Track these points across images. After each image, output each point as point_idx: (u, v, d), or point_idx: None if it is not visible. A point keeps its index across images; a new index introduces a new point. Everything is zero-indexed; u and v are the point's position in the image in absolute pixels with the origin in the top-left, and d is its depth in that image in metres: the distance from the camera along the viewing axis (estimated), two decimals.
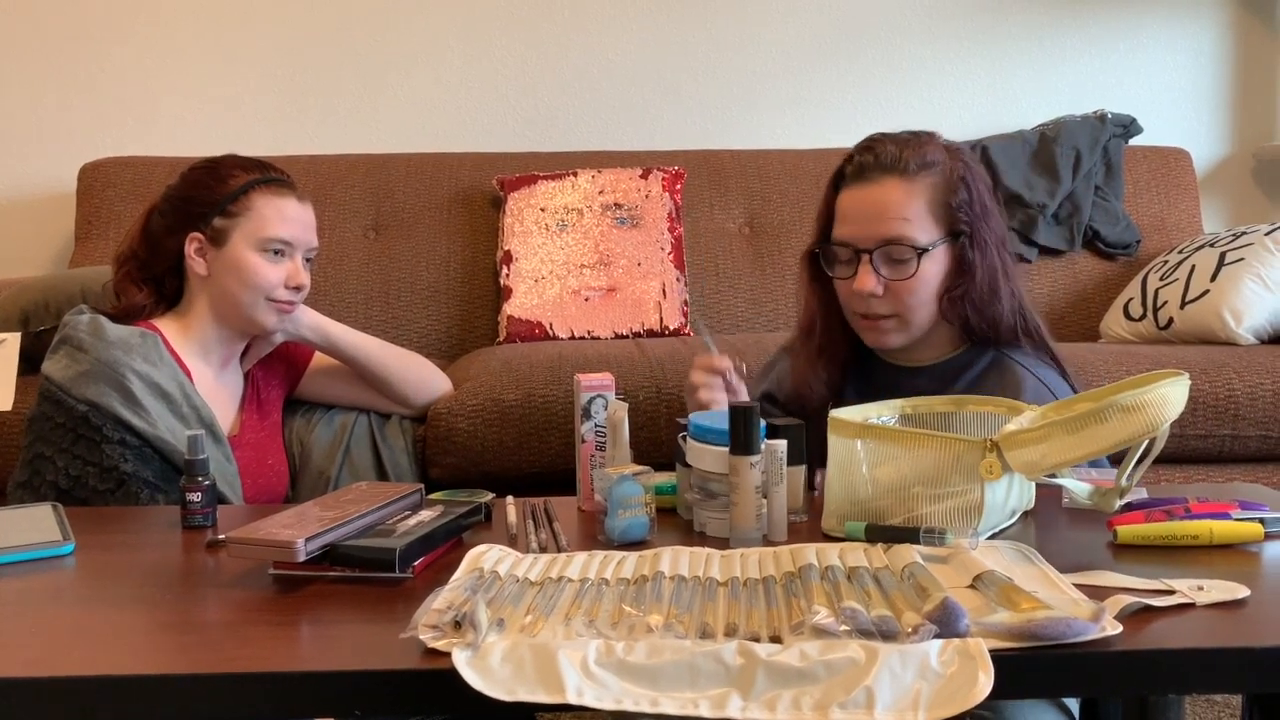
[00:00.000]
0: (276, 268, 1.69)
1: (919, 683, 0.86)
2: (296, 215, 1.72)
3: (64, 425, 1.56)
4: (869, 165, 1.48)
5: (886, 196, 1.45)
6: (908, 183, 1.45)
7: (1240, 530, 1.16)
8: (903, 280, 1.45)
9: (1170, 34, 2.99)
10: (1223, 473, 2.05)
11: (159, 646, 0.96)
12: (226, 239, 1.69)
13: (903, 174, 1.45)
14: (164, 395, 1.59)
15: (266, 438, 1.79)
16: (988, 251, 1.46)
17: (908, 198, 1.45)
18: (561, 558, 1.14)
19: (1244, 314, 2.27)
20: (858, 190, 1.48)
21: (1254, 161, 3.03)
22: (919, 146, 1.48)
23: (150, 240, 1.74)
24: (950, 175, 1.47)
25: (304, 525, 1.11)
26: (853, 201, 1.49)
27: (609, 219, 2.54)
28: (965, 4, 2.97)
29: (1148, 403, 1.11)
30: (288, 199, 1.72)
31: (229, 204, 1.69)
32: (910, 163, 1.46)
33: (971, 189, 1.47)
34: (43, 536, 1.23)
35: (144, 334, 1.63)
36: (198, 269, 1.70)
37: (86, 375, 1.57)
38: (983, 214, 1.47)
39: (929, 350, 1.54)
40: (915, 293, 1.46)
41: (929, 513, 1.17)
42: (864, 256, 1.46)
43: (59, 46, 2.83)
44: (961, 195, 1.46)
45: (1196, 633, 0.95)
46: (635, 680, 0.88)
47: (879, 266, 1.45)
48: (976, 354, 1.52)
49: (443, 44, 2.90)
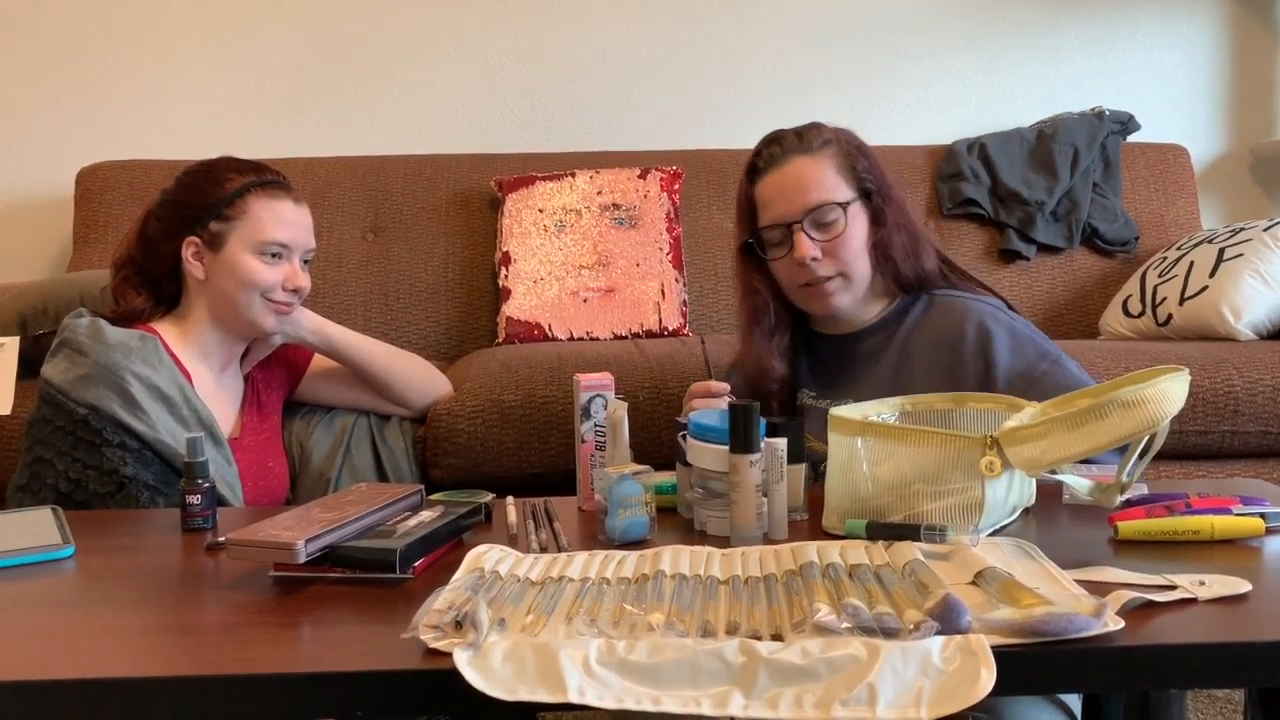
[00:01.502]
0: (274, 270, 1.69)
1: (921, 679, 0.86)
2: (293, 217, 1.72)
3: (64, 428, 1.56)
4: (776, 154, 1.62)
5: (800, 172, 1.60)
6: (813, 157, 1.60)
7: (1241, 525, 1.16)
8: (835, 238, 1.58)
9: (1168, 31, 3.00)
10: (1223, 468, 2.05)
11: (159, 649, 0.96)
12: (223, 243, 1.69)
13: (807, 151, 1.61)
14: (164, 398, 1.59)
15: (267, 440, 1.79)
16: (898, 208, 1.64)
17: (818, 169, 1.60)
18: (562, 557, 1.14)
19: (1243, 310, 2.27)
20: (772, 176, 1.61)
21: (1252, 158, 3.03)
22: (814, 130, 1.64)
23: (147, 245, 1.73)
24: (847, 146, 1.63)
25: (304, 527, 1.11)
26: (770, 187, 1.61)
27: (607, 219, 2.54)
28: (963, 3, 2.97)
29: (1148, 398, 1.11)
30: (284, 201, 1.71)
31: (225, 208, 1.68)
32: (811, 142, 1.62)
33: (869, 157, 1.64)
34: (42, 540, 1.23)
35: (144, 337, 1.63)
36: (195, 273, 1.70)
37: (86, 378, 1.56)
38: (882, 179, 1.63)
39: (865, 310, 1.65)
40: (849, 246, 1.59)
41: (930, 510, 1.17)
42: (795, 228, 1.58)
43: (57, 50, 2.83)
44: (861, 161, 1.62)
45: (1198, 628, 0.95)
46: (637, 679, 0.87)
47: (811, 233, 1.58)
48: (910, 301, 1.65)
49: (440, 46, 2.89)
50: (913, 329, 1.61)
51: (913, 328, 1.61)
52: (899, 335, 1.61)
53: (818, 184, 1.58)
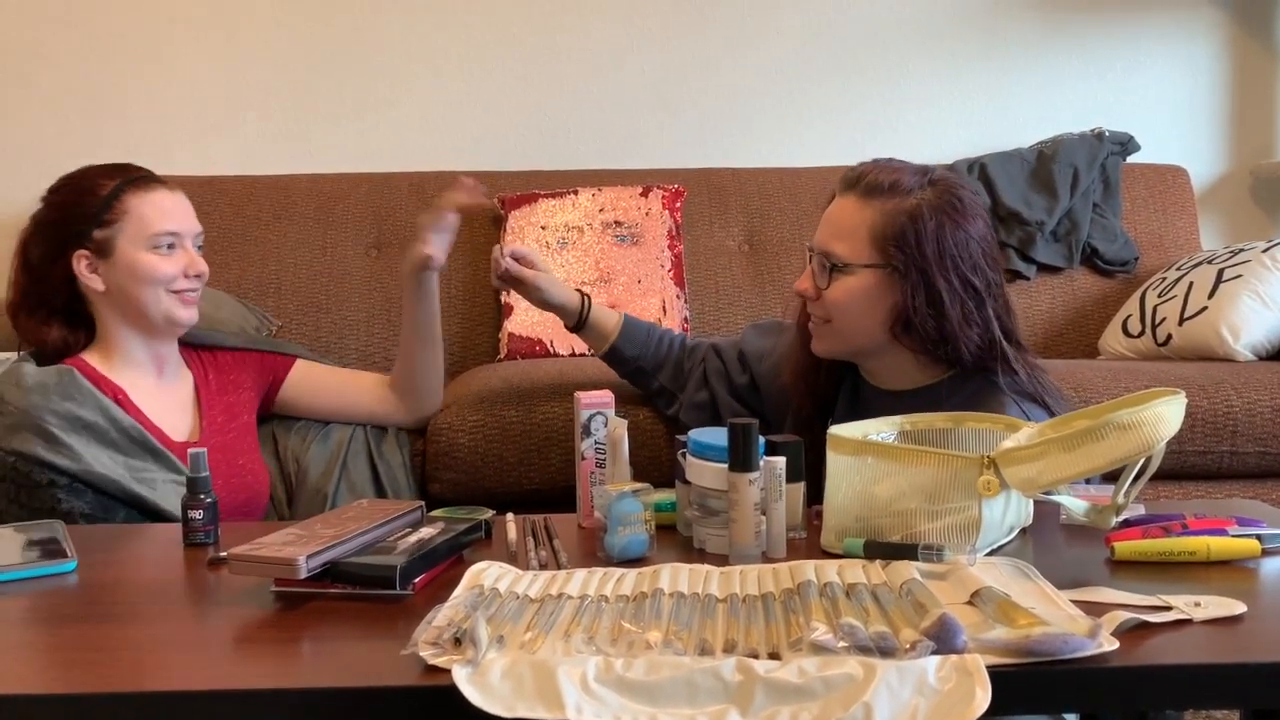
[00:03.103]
0: (171, 260, 1.69)
1: (916, 699, 0.87)
2: (173, 206, 1.71)
3: (4, 479, 1.58)
4: (845, 179, 1.56)
5: (839, 211, 1.54)
6: (859, 203, 1.51)
7: (1237, 546, 1.17)
8: (824, 289, 1.53)
9: (1168, 52, 3.01)
10: (1221, 489, 2.05)
11: (161, 664, 0.97)
12: (113, 248, 1.67)
13: (859, 194, 1.51)
14: (86, 427, 1.60)
15: (235, 439, 1.78)
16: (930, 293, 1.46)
17: (852, 217, 1.51)
18: (561, 575, 1.14)
19: (1242, 330, 2.27)
20: (834, 202, 1.57)
21: (1251, 179, 3.04)
22: (892, 172, 1.51)
23: (35, 275, 1.71)
24: (901, 209, 1.47)
25: (305, 543, 1.12)
26: (827, 210, 1.58)
27: (609, 237, 2.55)
28: (963, 23, 2.98)
29: (1144, 421, 1.11)
30: (159, 192, 1.71)
31: (105, 213, 1.67)
32: (867, 185, 1.50)
33: (922, 227, 1.46)
34: (45, 555, 1.23)
35: (61, 371, 1.64)
36: (94, 285, 1.68)
37: (10, 428, 1.59)
38: (934, 255, 1.46)
39: (906, 376, 1.56)
40: (837, 305, 1.52)
41: (927, 529, 1.17)
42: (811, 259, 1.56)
43: (61, 68, 2.85)
44: (904, 230, 1.47)
45: (1193, 648, 0.96)
46: (634, 697, 0.88)
47: (816, 273, 1.55)
48: (961, 381, 1.52)
49: (443, 64, 2.91)
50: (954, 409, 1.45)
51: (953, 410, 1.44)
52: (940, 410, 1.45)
53: (836, 231, 1.52)
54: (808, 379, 1.64)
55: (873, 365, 1.59)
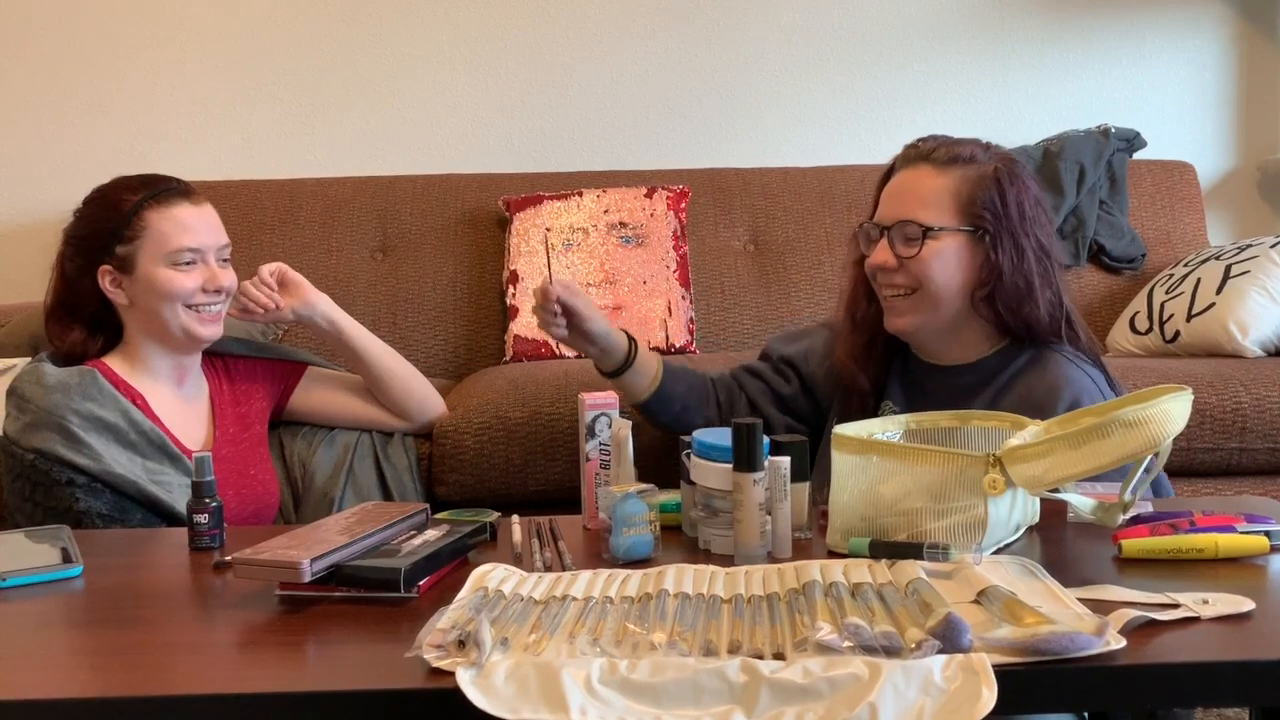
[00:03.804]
0: (190, 276, 1.68)
1: (922, 698, 0.86)
2: (194, 221, 1.70)
3: (22, 476, 1.60)
4: (910, 155, 1.57)
5: (915, 182, 1.54)
6: (937, 171, 1.53)
7: (1245, 544, 1.16)
8: (911, 257, 1.51)
9: (1174, 48, 3.00)
10: (1231, 485, 2.04)
11: (166, 667, 0.97)
12: (134, 264, 1.68)
13: (934, 163, 1.53)
14: (107, 428, 1.61)
15: (247, 449, 1.79)
16: (1018, 254, 1.51)
17: (933, 185, 1.52)
18: (566, 576, 1.14)
19: (1250, 326, 2.26)
20: (899, 176, 1.57)
21: (1259, 174, 3.03)
22: (959, 144, 1.55)
23: (68, 285, 1.74)
24: (983, 174, 1.52)
25: (309, 546, 1.12)
26: (892, 185, 1.57)
27: (614, 238, 2.55)
28: (968, 21, 2.98)
29: (1150, 418, 1.11)
30: (181, 206, 1.70)
31: (125, 229, 1.68)
32: (943, 154, 1.54)
33: (1004, 191, 1.52)
34: (51, 559, 1.24)
35: (83, 372, 1.65)
36: (119, 299, 1.70)
37: (31, 426, 1.60)
38: (1017, 217, 1.52)
39: (966, 349, 1.57)
40: (925, 270, 1.51)
41: (933, 528, 1.17)
42: (885, 233, 1.54)
43: (69, 72, 2.86)
44: (990, 194, 1.51)
45: (1201, 646, 0.95)
46: (639, 698, 0.88)
47: (894, 243, 1.53)
48: (1016, 352, 1.55)
49: (448, 66, 2.91)
50: (1010, 379, 1.53)
51: (1011, 378, 1.52)
52: (996, 382, 1.53)
53: (919, 199, 1.52)
54: (861, 360, 1.63)
55: (935, 340, 1.58)
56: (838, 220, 2.65)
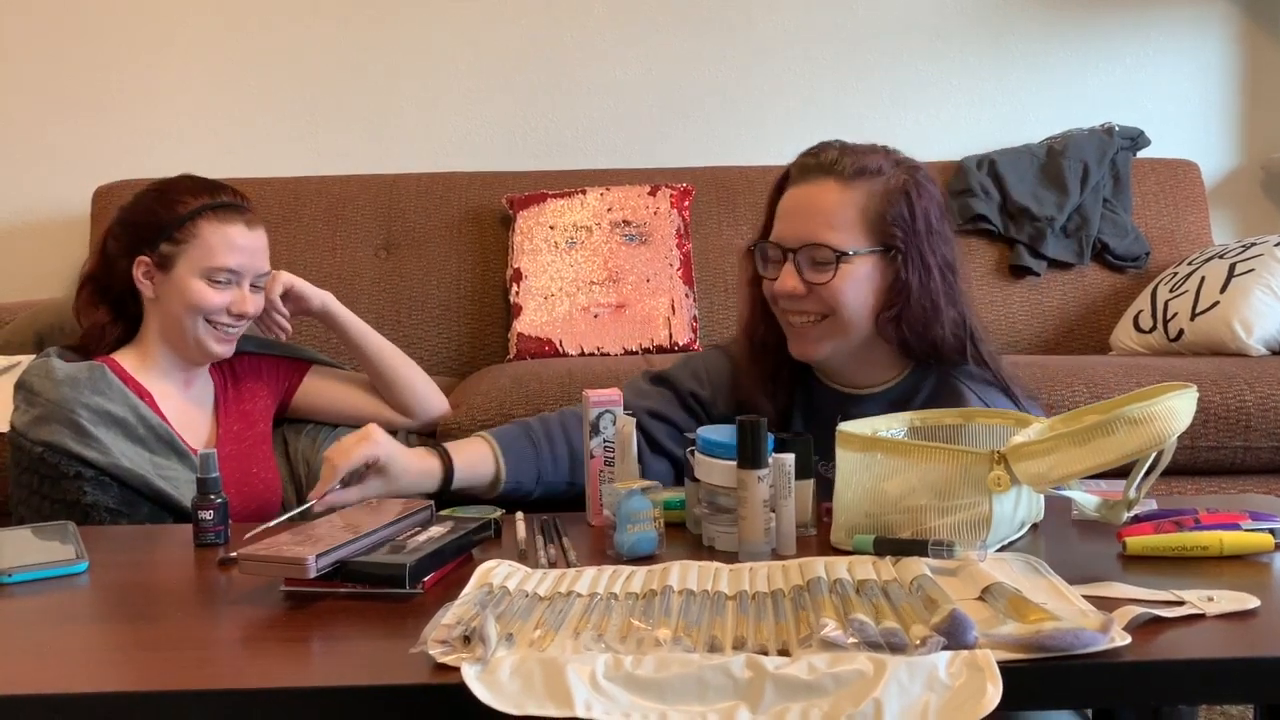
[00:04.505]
0: (220, 294, 1.69)
1: (927, 694, 0.86)
2: (244, 243, 1.71)
3: (29, 469, 1.60)
4: (810, 166, 1.46)
5: (819, 198, 1.43)
6: (842, 187, 1.43)
7: (1250, 541, 1.16)
8: (822, 284, 1.42)
9: (1178, 46, 3.00)
10: (1235, 484, 2.04)
11: (171, 663, 0.97)
12: (172, 265, 1.69)
13: (839, 177, 1.43)
14: (116, 422, 1.62)
15: (251, 448, 1.79)
16: (924, 272, 1.43)
17: (839, 202, 1.42)
18: (570, 573, 1.14)
19: (1254, 325, 2.26)
20: (797, 189, 1.47)
21: (1263, 173, 3.03)
22: (863, 155, 1.45)
23: (106, 260, 1.75)
24: (890, 188, 1.43)
25: (315, 542, 1.12)
26: (789, 201, 1.47)
27: (618, 236, 2.55)
28: (972, 19, 2.97)
29: (1155, 415, 1.11)
30: (235, 225, 1.70)
31: (175, 230, 1.68)
32: (848, 168, 1.43)
33: (913, 205, 1.43)
34: (57, 555, 1.24)
35: (92, 366, 1.66)
36: (146, 291, 1.71)
37: (41, 419, 1.60)
38: (924, 232, 1.43)
39: (872, 373, 1.50)
40: (838, 297, 1.42)
41: (937, 525, 1.17)
42: (789, 256, 1.44)
43: (73, 71, 2.86)
44: (899, 209, 1.42)
45: (1206, 643, 0.95)
46: (644, 694, 0.88)
47: (802, 268, 1.43)
48: (921, 377, 1.49)
49: (452, 65, 2.92)
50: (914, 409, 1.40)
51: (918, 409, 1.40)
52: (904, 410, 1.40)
53: (827, 220, 1.42)
54: (767, 391, 1.52)
55: (842, 365, 1.50)
56: None
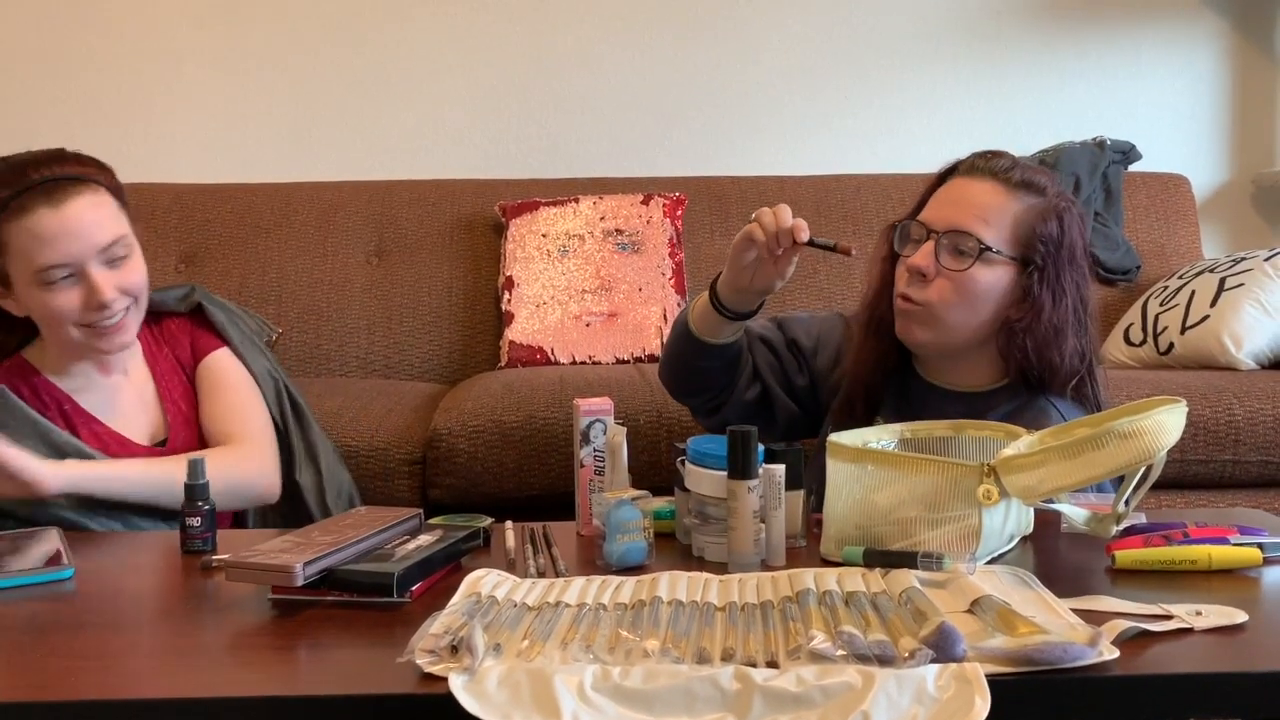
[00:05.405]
0: (67, 293, 1.47)
1: (915, 707, 0.86)
2: (56, 229, 1.45)
3: None
4: (980, 166, 1.50)
5: (980, 194, 1.47)
6: (1006, 191, 1.46)
7: (1238, 555, 1.16)
8: (954, 271, 1.44)
9: (1169, 61, 3.01)
10: (1224, 498, 2.05)
11: (157, 670, 0.97)
12: (10, 281, 1.50)
13: (1006, 183, 1.47)
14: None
15: None
16: (1058, 295, 1.45)
17: (998, 204, 1.46)
18: (559, 582, 1.14)
19: (1244, 339, 2.27)
20: (959, 181, 1.50)
21: (1253, 187, 3.04)
22: (1034, 171, 1.50)
23: None
24: (1048, 208, 1.46)
25: (302, 550, 1.12)
26: (949, 191, 1.50)
27: (610, 245, 2.55)
28: (964, 31, 2.99)
29: (1145, 429, 1.11)
30: (37, 214, 1.45)
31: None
32: (1016, 177, 1.47)
33: (1064, 230, 1.46)
34: (43, 562, 1.23)
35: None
36: (15, 310, 1.53)
37: None
38: (1067, 260, 1.46)
39: (969, 376, 1.52)
40: (961, 290, 1.44)
41: (927, 538, 1.17)
42: (933, 237, 1.46)
43: (61, 74, 2.86)
44: (1050, 228, 1.45)
45: (1194, 657, 0.95)
46: (631, 705, 0.88)
47: (940, 252, 1.45)
48: (1013, 392, 1.49)
49: (444, 72, 2.92)
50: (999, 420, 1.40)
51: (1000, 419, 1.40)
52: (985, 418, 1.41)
53: (982, 214, 1.44)
54: (867, 367, 1.55)
55: (942, 361, 1.53)
56: (833, 230, 2.66)
